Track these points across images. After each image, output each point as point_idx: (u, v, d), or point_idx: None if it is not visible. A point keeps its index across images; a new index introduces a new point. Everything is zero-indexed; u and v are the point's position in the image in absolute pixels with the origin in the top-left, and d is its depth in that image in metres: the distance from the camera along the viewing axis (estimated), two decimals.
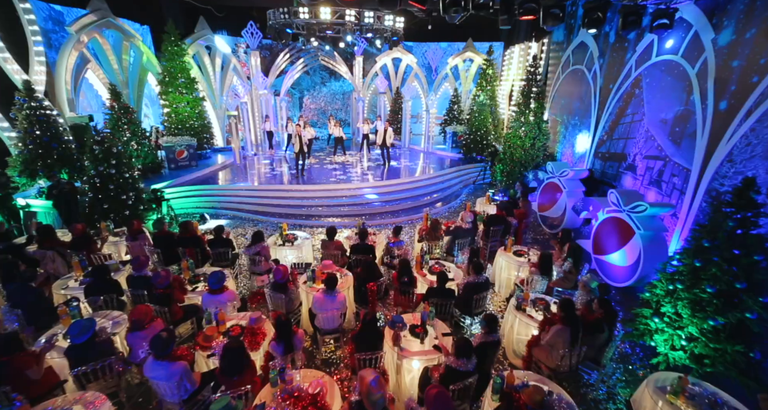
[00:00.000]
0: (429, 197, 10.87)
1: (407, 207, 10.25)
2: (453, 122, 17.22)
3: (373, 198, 10.36)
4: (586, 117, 9.48)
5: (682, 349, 4.09)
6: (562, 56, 10.90)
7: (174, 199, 10.02)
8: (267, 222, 9.41)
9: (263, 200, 10.11)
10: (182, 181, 10.64)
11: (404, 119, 15.99)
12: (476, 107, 13.49)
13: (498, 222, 7.14)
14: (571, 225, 8.15)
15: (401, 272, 5.16)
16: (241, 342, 3.46)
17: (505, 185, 11.36)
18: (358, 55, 17.30)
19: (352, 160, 13.78)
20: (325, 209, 9.79)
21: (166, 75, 11.59)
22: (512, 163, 11.06)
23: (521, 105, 10.87)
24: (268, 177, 11.54)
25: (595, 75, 9.02)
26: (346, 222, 9.33)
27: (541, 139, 10.71)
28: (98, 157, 7.47)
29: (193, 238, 6.14)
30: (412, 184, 11.32)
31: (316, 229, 9.03)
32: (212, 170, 12.02)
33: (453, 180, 12.38)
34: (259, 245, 5.89)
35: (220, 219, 9.56)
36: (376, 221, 9.42)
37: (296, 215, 9.63)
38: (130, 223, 6.28)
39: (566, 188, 8.07)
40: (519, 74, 14.47)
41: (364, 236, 6.12)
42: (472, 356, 3.36)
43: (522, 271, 5.85)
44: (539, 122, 10.59)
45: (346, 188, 10.60)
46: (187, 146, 11.36)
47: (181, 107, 12.06)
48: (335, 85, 18.43)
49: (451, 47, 18.54)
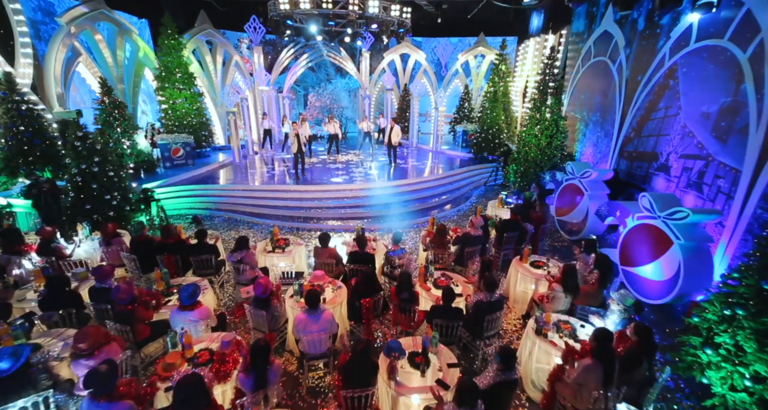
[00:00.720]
0: (437, 199, 10.15)
1: (414, 209, 9.55)
2: (463, 120, 16.47)
3: (376, 200, 9.69)
4: (609, 113, 8.66)
5: (746, 391, 3.31)
6: (583, 48, 10.08)
7: (167, 199, 9.51)
8: (263, 225, 8.82)
9: (259, 201, 9.52)
10: (176, 180, 10.12)
11: (412, 117, 15.29)
12: (488, 103, 12.71)
13: (512, 228, 6.41)
14: (593, 232, 7.36)
15: (401, 286, 4.48)
16: (197, 377, 2.81)
17: (519, 186, 10.57)
18: (365, 50, 16.67)
19: (355, 159, 13.14)
20: (325, 211, 9.16)
21: (162, 70, 11.11)
22: (527, 163, 10.27)
23: (537, 101, 10.07)
24: (267, 177, 10.96)
25: (620, 67, 8.20)
26: (347, 225, 8.67)
27: (559, 137, 9.90)
28: (80, 154, 6.97)
29: (174, 244, 5.55)
30: (419, 185, 10.62)
31: (314, 232, 8.39)
32: (210, 169, 11.50)
33: (463, 181, 11.64)
34: (242, 252, 5.26)
35: (214, 221, 9.00)
36: (379, 224, 8.75)
37: (294, 217, 9.02)
38: (104, 226, 5.71)
39: (588, 191, 7.28)
40: (534, 69, 13.65)
41: (363, 244, 5.45)
42: (476, 405, 2.66)
43: (540, 285, 5.10)
44: (557, 118, 9.79)
45: (347, 189, 9.95)
46: (183, 144, 10.86)
47: (179, 103, 11.57)
48: (341, 83, 17.83)
49: (462, 43, 17.79)
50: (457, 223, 9.12)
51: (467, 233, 5.82)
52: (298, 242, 6.27)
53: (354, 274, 5.23)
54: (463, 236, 5.83)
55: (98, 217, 7.15)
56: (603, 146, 8.97)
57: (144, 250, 5.54)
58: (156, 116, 12.85)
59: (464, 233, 5.85)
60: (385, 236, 8.07)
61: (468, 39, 17.56)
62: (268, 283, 4.27)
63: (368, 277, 4.64)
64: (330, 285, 4.92)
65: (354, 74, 16.65)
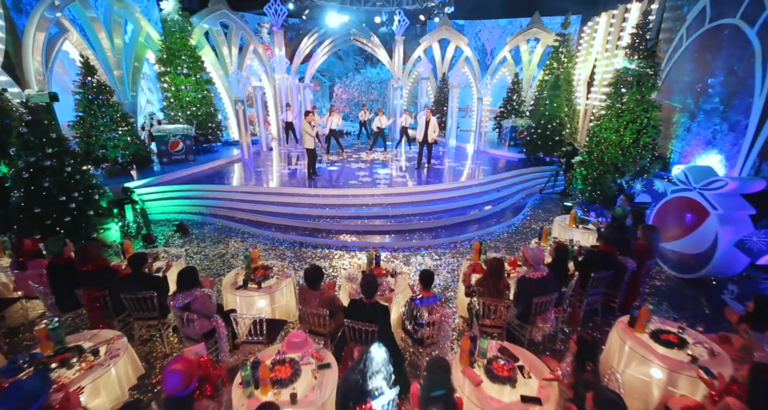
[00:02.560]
0: (477, 211, 7.96)
1: (449, 224, 7.45)
2: (511, 114, 14.06)
3: (403, 209, 7.68)
4: (739, 97, 6.12)
5: None
6: (690, 12, 7.51)
7: (154, 201, 8.05)
8: (260, 236, 7.09)
9: (261, 206, 7.82)
10: (169, 178, 8.67)
11: (451, 111, 13.12)
12: (547, 92, 10.31)
13: (604, 264, 4.20)
14: (724, 270, 4.93)
15: (431, 382, 2.41)
16: None
17: (589, 196, 8.16)
18: (399, 35, 14.69)
19: (382, 158, 11.19)
20: (338, 222, 7.27)
21: (165, 51, 9.73)
22: (601, 166, 7.85)
23: (618, 85, 7.64)
24: (277, 177, 9.26)
25: (764, 29, 5.65)
26: (364, 242, 6.74)
27: (650, 132, 7.42)
28: (28, 143, 5.54)
29: (97, 273, 3.84)
30: (459, 191, 8.48)
31: (320, 250, 6.53)
32: (213, 166, 10.00)
33: (513, 187, 9.36)
34: (190, 294, 3.46)
35: (204, 230, 7.39)
36: (404, 243, 6.74)
37: (299, 228, 7.22)
38: (19, 242, 4.14)
39: (718, 209, 4.86)
40: (606, 51, 11.05)
41: (371, 289, 3.42)
42: None
43: (692, 389, 2.86)
44: (648, 107, 7.32)
45: (368, 195, 8.02)
46: (182, 137, 9.41)
47: (183, 91, 10.17)
48: (371, 73, 16.00)
49: (513, 25, 15.38)
50: (507, 244, 6.92)
51: (527, 277, 3.66)
52: (283, 274, 4.39)
53: (355, 337, 3.27)
54: (522, 282, 3.69)
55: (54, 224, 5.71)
56: (725, 144, 6.42)
57: (65, 278, 3.90)
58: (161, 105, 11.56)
59: (523, 278, 3.70)
60: (412, 263, 6.05)
61: (519, 20, 15.13)
62: (192, 368, 2.40)
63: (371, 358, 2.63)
64: (312, 361, 2.98)
65: (385, 62, 14.72)
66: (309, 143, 8.45)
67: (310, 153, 8.57)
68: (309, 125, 8.31)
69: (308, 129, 8.32)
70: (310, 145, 8.47)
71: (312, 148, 8.53)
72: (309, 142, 8.44)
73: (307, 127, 8.31)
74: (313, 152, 8.60)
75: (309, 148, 8.50)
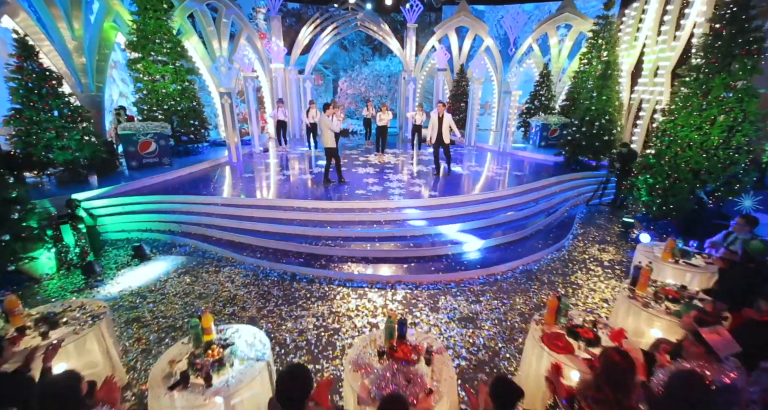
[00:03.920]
0: (517, 234, 6.29)
1: (470, 250, 5.79)
2: (538, 111, 12.36)
3: (420, 228, 6.04)
4: None
5: None
6: None
7: (112, 216, 6.47)
8: (242, 264, 5.48)
9: (244, 223, 6.21)
10: (134, 187, 7.09)
11: (471, 108, 11.45)
12: (593, 82, 8.59)
13: None
14: None
15: None
16: None
17: (657, 210, 6.48)
18: (411, 23, 13.05)
19: (394, 162, 9.56)
20: (343, 246, 5.64)
21: (136, 34, 8.16)
22: (677, 173, 6.17)
23: (703, 70, 5.96)
24: (270, 185, 7.66)
25: None
26: (377, 275, 5.10)
27: (746, 130, 5.72)
28: None
29: None
30: (486, 205, 6.83)
31: (317, 286, 4.90)
32: (192, 171, 8.42)
33: (553, 198, 7.68)
34: None
35: (169, 255, 5.79)
36: (427, 275, 5.09)
37: (293, 252, 5.60)
38: None
39: None
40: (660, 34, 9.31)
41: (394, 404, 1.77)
42: None
43: None
44: (744, 97, 5.63)
45: (380, 208, 6.38)
46: (155, 136, 7.83)
47: (159, 82, 8.59)
48: (380, 65, 14.34)
49: (540, 9, 13.66)
50: (562, 276, 5.25)
51: (718, 386, 1.97)
52: (248, 356, 2.74)
53: None
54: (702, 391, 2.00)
55: None
56: None
57: None
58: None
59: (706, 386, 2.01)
60: (442, 308, 4.38)
61: (548, 5, 13.42)
62: None
63: None
64: None
65: (397, 52, 13.06)
66: (330, 141, 6.94)
67: (332, 154, 7.07)
68: (331, 121, 6.83)
69: (331, 125, 6.86)
70: (331, 143, 6.98)
71: (334, 147, 7.03)
72: (330, 140, 6.92)
73: (329, 122, 6.83)
74: (335, 152, 7.07)
75: (330, 147, 7.00)
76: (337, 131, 7.08)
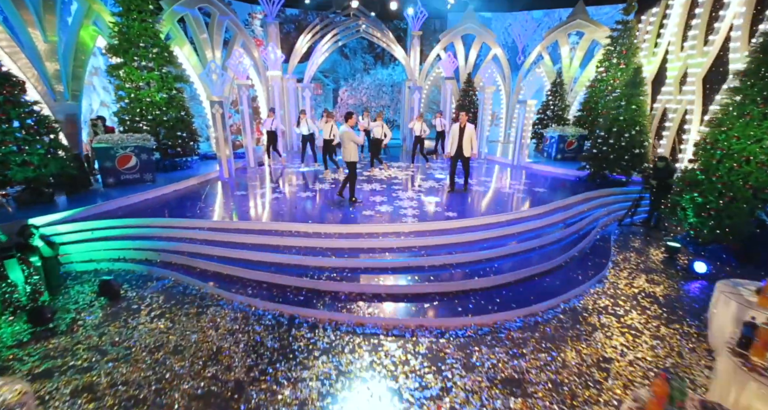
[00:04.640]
0: (551, 263, 5.44)
1: (513, 280, 4.92)
2: (551, 122, 11.68)
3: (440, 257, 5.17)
4: None
5: None
6: None
7: (81, 242, 5.55)
8: (230, 304, 4.56)
9: (234, 251, 5.31)
10: (105, 208, 6.18)
11: (481, 119, 10.73)
12: (620, 90, 7.88)
13: None
14: None
15: None
16: None
17: (709, 234, 5.66)
18: (415, 30, 12.43)
19: (402, 176, 8.74)
20: (350, 280, 4.74)
21: (118, 37, 7.37)
22: (734, 191, 5.38)
23: (763, 74, 5.24)
24: (265, 205, 6.79)
25: None
26: (393, 318, 4.19)
27: None
28: None
29: None
30: (510, 227, 5.98)
31: (320, 333, 3.97)
32: (178, 188, 7.53)
33: (582, 218, 6.85)
34: None
35: (143, 292, 4.86)
36: (454, 319, 4.19)
37: (290, 288, 4.70)
38: None
39: None
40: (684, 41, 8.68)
41: None
42: None
43: None
44: None
45: (391, 232, 5.51)
46: (136, 149, 6.96)
47: (144, 90, 7.77)
48: (382, 74, 13.66)
49: (549, 17, 13.11)
50: (614, 314, 4.36)
51: None
52: None
53: None
54: None
55: None
56: None
57: None
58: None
59: None
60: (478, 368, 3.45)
61: (557, 12, 12.88)
62: None
63: None
64: None
65: (401, 60, 12.38)
66: (353, 155, 6.16)
67: (352, 169, 6.28)
68: (353, 132, 6.04)
69: (353, 137, 6.04)
70: (353, 157, 6.19)
71: (355, 161, 6.25)
72: (353, 153, 6.13)
73: (352, 134, 6.01)
74: (355, 167, 6.26)
75: (351, 161, 6.20)
76: (361, 144, 6.30)
